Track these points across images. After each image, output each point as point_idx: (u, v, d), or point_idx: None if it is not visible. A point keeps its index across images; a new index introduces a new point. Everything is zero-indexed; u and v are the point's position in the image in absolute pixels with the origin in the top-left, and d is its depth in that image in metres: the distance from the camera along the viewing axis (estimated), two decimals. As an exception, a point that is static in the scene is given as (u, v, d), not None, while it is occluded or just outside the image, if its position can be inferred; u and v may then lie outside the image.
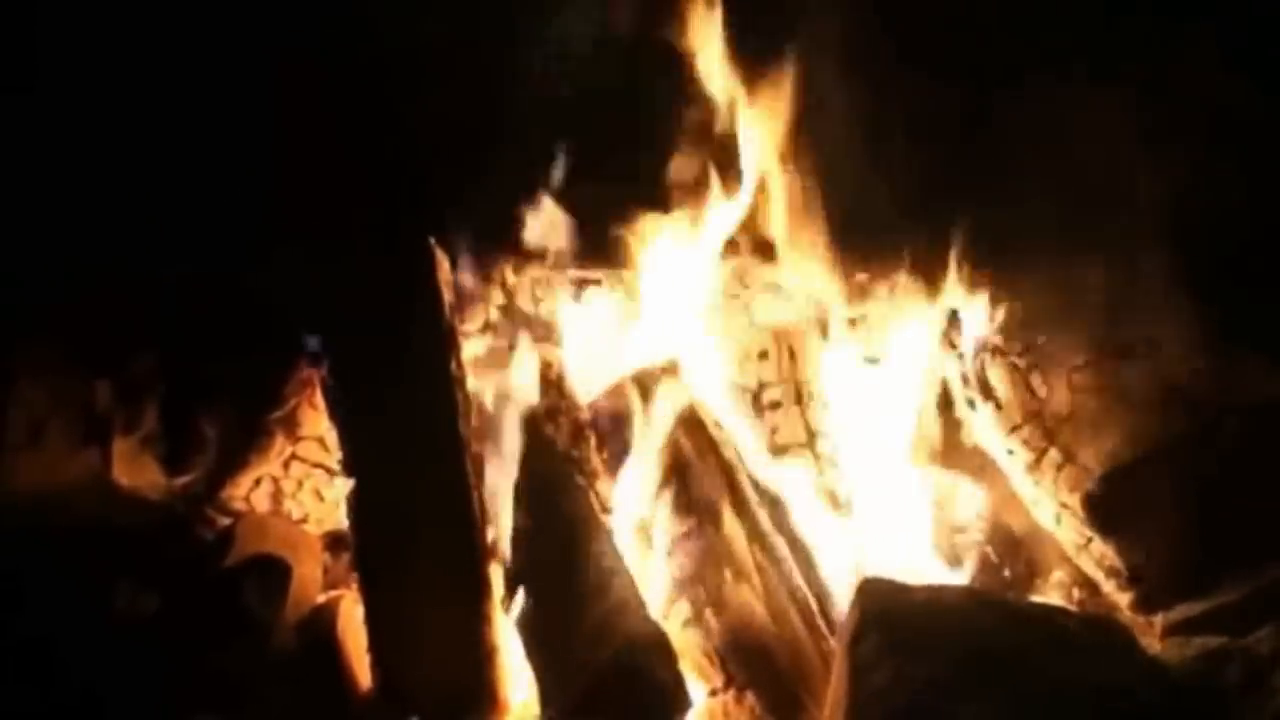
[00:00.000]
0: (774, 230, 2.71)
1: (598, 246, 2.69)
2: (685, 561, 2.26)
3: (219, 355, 2.60)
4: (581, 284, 2.71)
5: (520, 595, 2.22)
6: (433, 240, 2.51)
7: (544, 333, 2.70)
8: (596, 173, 2.66)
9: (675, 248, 2.69)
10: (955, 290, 2.62)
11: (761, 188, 2.68)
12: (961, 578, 2.51)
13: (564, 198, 2.66)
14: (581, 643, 2.09)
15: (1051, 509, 2.52)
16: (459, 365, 2.47)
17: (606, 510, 2.41)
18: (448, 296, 2.51)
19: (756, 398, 2.70)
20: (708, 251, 2.71)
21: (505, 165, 2.65)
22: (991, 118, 2.60)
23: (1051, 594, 2.53)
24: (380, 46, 2.64)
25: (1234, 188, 2.50)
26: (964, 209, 2.59)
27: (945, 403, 2.70)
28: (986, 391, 2.60)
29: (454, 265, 2.59)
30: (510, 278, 2.75)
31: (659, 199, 2.67)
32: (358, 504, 2.34)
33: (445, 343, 2.43)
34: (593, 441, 2.54)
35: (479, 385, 2.56)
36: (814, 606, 2.21)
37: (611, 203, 2.67)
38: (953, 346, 2.66)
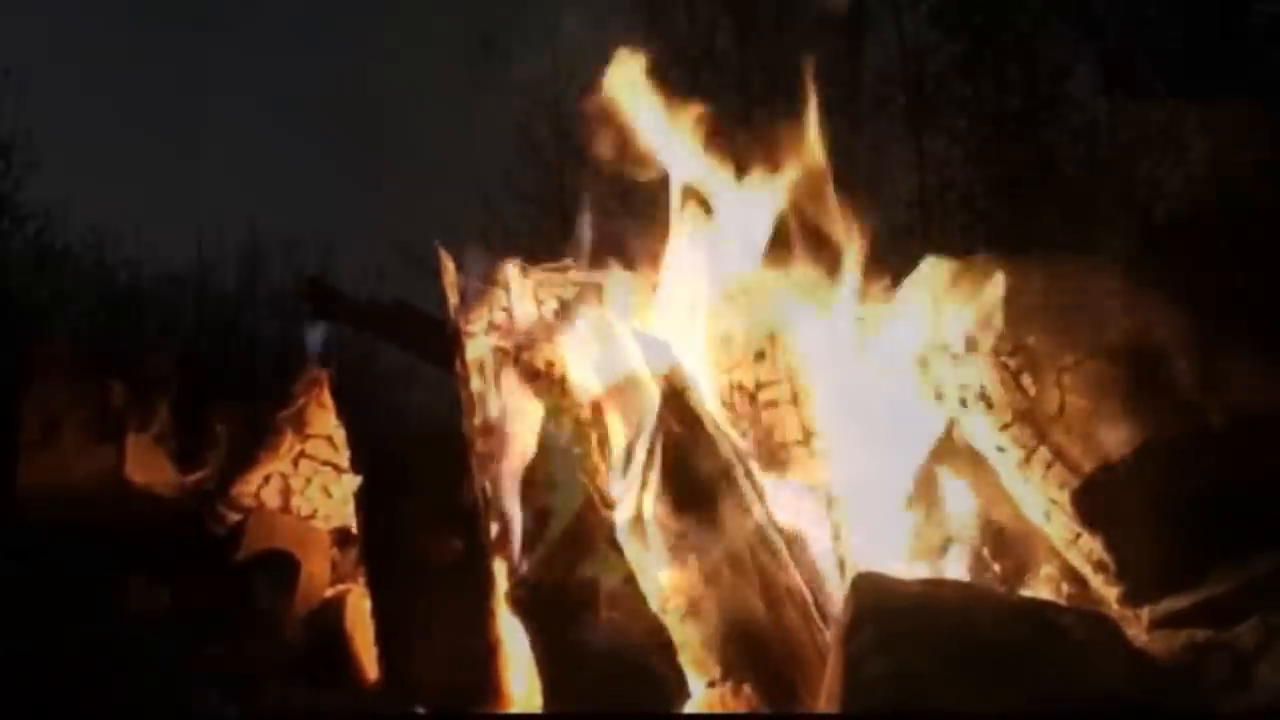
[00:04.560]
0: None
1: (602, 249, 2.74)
2: (684, 557, 2.29)
3: (229, 356, 2.64)
4: (585, 286, 2.75)
5: (523, 591, 2.25)
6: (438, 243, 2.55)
7: (546, 333, 2.73)
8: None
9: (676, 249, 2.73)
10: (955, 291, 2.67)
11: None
12: (954, 573, 2.54)
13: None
14: (583, 636, 2.13)
15: (1041, 505, 2.54)
16: (463, 365, 2.51)
17: (608, 507, 2.44)
18: (452, 298, 2.54)
19: (754, 397, 2.74)
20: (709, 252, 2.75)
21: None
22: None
23: (1041, 588, 2.55)
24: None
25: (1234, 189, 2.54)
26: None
27: (939, 401, 2.73)
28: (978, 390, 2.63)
29: (459, 267, 2.64)
30: (514, 279, 2.79)
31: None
32: (365, 500, 2.38)
33: (451, 343, 2.48)
34: (594, 440, 2.57)
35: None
36: (810, 601, 2.22)
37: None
38: (945, 346, 2.69)
